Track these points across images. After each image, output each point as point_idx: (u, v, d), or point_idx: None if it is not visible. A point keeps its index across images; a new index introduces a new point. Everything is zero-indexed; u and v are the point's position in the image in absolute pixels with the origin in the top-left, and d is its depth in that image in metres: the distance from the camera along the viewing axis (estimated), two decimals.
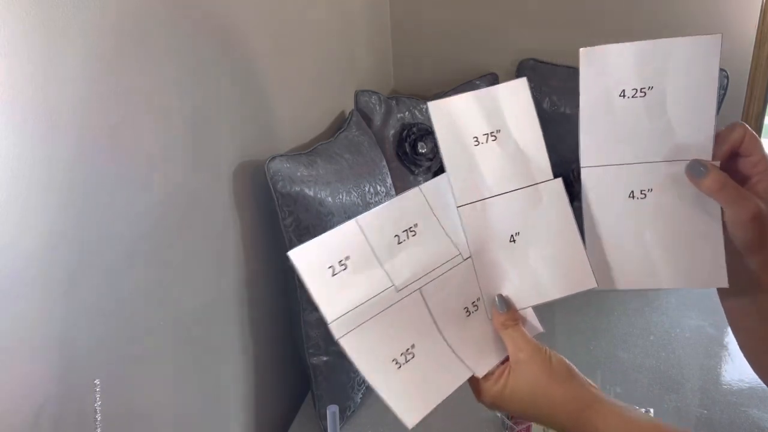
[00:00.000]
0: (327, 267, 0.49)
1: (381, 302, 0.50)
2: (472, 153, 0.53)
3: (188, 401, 0.76)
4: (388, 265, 0.50)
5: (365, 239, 0.50)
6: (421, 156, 1.30)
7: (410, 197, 0.53)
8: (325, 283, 0.49)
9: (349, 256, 0.49)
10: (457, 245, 0.53)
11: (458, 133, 0.52)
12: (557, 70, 1.43)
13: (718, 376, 0.99)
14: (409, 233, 0.52)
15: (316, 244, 0.49)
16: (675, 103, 0.50)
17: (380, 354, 0.50)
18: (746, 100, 1.41)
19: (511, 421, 0.91)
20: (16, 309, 0.50)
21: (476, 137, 0.53)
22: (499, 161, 0.53)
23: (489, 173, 0.53)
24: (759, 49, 1.37)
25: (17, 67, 0.48)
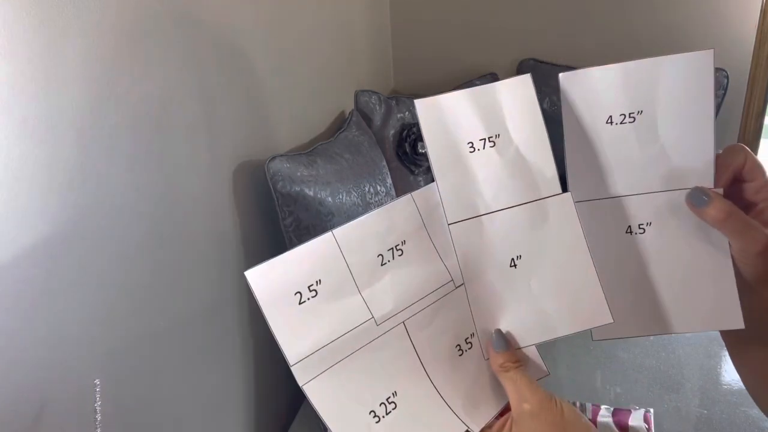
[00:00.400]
0: (293, 293, 0.40)
1: (357, 338, 0.41)
2: (467, 161, 0.44)
3: (188, 401, 0.76)
4: (368, 292, 0.41)
5: (342, 258, 0.41)
6: (421, 156, 1.30)
7: (400, 207, 0.43)
8: (289, 315, 0.41)
9: (321, 280, 0.40)
10: (449, 269, 0.44)
11: (450, 138, 0.44)
12: (557, 70, 1.43)
13: (718, 376, 0.99)
14: (395, 252, 0.43)
15: (282, 263, 0.40)
16: (668, 126, 0.45)
17: (355, 404, 0.41)
18: (746, 100, 1.41)
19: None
20: (16, 309, 0.50)
21: (471, 143, 0.44)
22: (498, 171, 0.44)
23: (486, 185, 0.44)
24: (759, 49, 1.37)
25: (17, 67, 0.48)
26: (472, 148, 0.44)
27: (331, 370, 0.41)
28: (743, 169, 0.45)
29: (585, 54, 1.45)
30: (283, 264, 0.40)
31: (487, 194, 0.44)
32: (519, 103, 0.46)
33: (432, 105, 0.46)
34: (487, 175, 0.44)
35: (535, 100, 0.47)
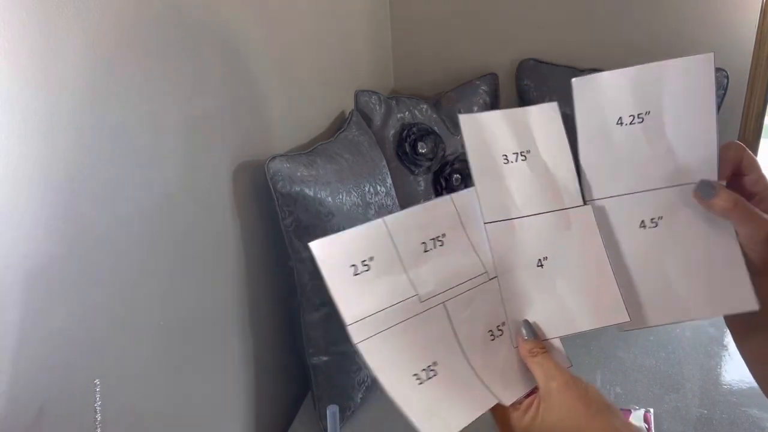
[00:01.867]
0: (349, 265, 0.46)
1: (404, 311, 0.47)
2: (502, 170, 0.51)
3: (188, 401, 0.76)
4: (413, 273, 0.48)
5: (391, 241, 0.47)
6: (421, 156, 1.30)
7: (440, 204, 0.50)
8: (345, 282, 0.46)
9: (374, 257, 0.47)
10: (484, 263, 0.50)
11: (488, 149, 0.51)
12: (557, 70, 1.44)
13: (718, 376, 0.99)
14: (437, 242, 0.49)
15: (340, 239, 0.47)
16: (674, 125, 0.49)
17: (401, 365, 0.46)
18: (746, 100, 1.41)
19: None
20: (16, 309, 0.50)
21: (506, 155, 0.51)
22: (528, 182, 0.51)
23: (518, 193, 0.51)
24: (759, 49, 1.37)
25: (17, 67, 0.48)
26: (506, 160, 0.51)
27: (381, 334, 0.46)
28: (741, 163, 0.49)
29: (585, 54, 1.45)
30: (341, 240, 0.47)
31: (519, 201, 0.51)
32: (547, 126, 0.52)
33: (474, 120, 0.52)
34: (519, 184, 0.51)
35: (561, 124, 0.52)
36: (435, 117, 1.36)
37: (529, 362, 0.49)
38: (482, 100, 1.45)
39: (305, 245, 0.87)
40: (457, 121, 1.51)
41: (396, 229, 0.48)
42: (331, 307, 0.93)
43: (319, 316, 0.90)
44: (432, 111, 1.36)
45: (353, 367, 0.93)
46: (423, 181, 1.33)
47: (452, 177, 1.36)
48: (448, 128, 1.38)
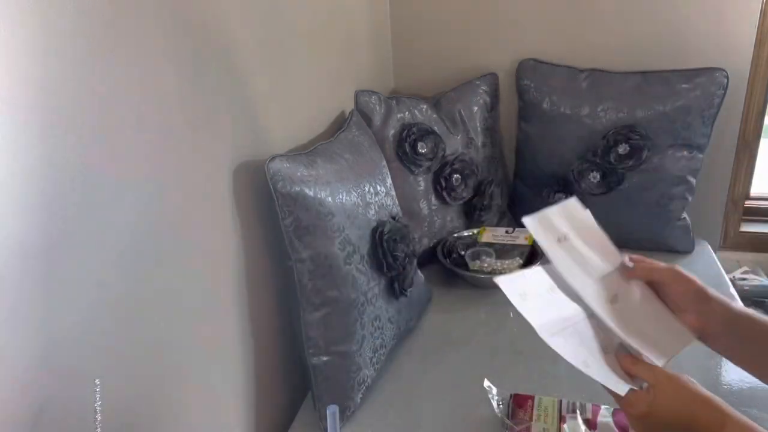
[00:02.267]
0: (519, 294, 0.69)
1: (569, 321, 0.68)
2: (561, 248, 0.72)
3: (188, 401, 0.76)
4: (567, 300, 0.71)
5: (550, 285, 0.71)
6: (421, 156, 1.30)
7: (551, 270, 0.72)
8: (524, 305, 0.67)
9: (547, 289, 0.71)
10: (579, 308, 0.70)
11: (550, 234, 0.72)
12: (557, 70, 1.44)
13: (718, 376, 0.99)
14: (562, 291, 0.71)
15: (514, 277, 0.71)
16: (584, 239, 0.73)
17: (575, 353, 0.65)
18: (746, 100, 1.41)
19: (512, 421, 0.91)
20: (16, 309, 0.50)
21: (559, 238, 0.72)
22: (578, 256, 0.72)
23: (578, 263, 0.72)
24: (759, 49, 1.37)
25: (17, 67, 0.48)
26: (559, 241, 0.72)
27: (559, 334, 0.66)
28: (652, 278, 0.71)
29: (585, 54, 1.45)
30: (516, 277, 0.70)
31: (584, 267, 0.72)
32: (577, 215, 0.74)
33: (538, 217, 0.72)
34: (573, 258, 0.72)
35: (587, 212, 0.75)
36: (435, 117, 1.36)
37: (634, 369, 0.65)
38: (482, 100, 1.45)
39: (305, 245, 0.87)
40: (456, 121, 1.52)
41: (551, 276, 0.72)
42: (330, 307, 0.93)
43: (319, 315, 0.90)
44: (432, 111, 1.36)
45: (353, 367, 0.93)
46: (423, 180, 1.33)
47: (452, 177, 1.36)
48: (448, 128, 1.38)
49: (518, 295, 0.68)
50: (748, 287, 1.46)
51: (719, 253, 1.50)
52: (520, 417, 0.91)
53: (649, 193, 1.35)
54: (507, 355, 1.07)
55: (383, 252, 1.00)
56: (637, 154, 1.32)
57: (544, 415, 0.90)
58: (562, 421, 0.89)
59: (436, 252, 1.36)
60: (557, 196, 1.43)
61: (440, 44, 1.55)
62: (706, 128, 1.32)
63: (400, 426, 0.93)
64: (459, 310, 1.23)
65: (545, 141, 1.43)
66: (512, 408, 0.92)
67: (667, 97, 1.31)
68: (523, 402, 0.93)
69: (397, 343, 1.11)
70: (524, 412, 0.92)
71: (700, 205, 1.48)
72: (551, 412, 0.91)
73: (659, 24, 1.39)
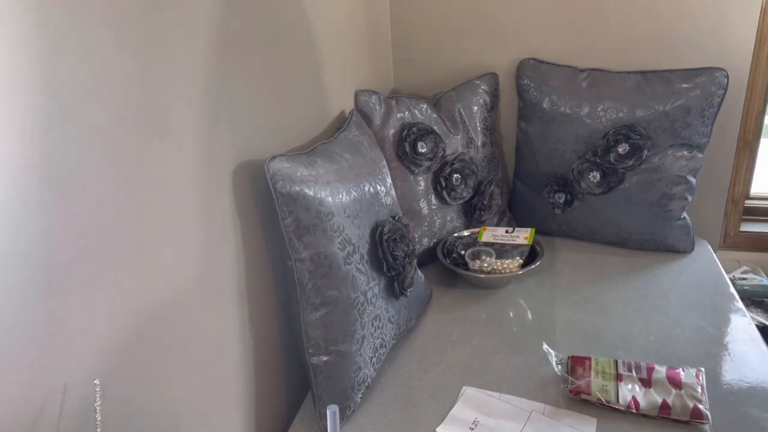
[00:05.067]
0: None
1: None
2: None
3: (188, 401, 0.76)
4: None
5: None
6: (421, 156, 1.30)
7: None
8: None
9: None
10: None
11: (463, 427, 0.91)
12: (557, 70, 1.44)
13: (718, 376, 1.00)
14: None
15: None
16: (491, 418, 0.92)
17: None
18: (746, 100, 1.41)
19: (571, 375, 0.97)
20: (16, 309, 0.50)
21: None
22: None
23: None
24: (759, 49, 1.37)
25: (17, 67, 0.48)
26: (471, 429, 0.91)
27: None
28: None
29: (585, 54, 1.45)
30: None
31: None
32: (482, 400, 0.96)
33: (448, 419, 0.92)
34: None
35: (489, 394, 0.97)
36: (435, 117, 1.36)
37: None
38: (482, 100, 1.45)
39: (305, 245, 0.87)
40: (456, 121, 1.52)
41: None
42: (330, 307, 0.93)
43: (319, 315, 0.90)
44: (432, 111, 1.36)
45: (353, 366, 0.93)
46: (423, 180, 1.33)
47: (452, 176, 1.36)
48: (448, 128, 1.38)
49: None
50: (747, 287, 1.46)
51: (719, 253, 1.50)
52: (580, 374, 0.97)
53: (649, 192, 1.35)
54: (507, 355, 1.08)
55: (383, 252, 1.00)
56: (637, 153, 1.32)
57: (602, 373, 0.97)
58: (619, 379, 0.95)
59: (436, 252, 1.36)
60: (557, 196, 1.43)
61: (440, 44, 1.55)
62: (706, 128, 1.32)
63: (400, 426, 0.93)
64: (459, 310, 1.23)
65: (545, 141, 1.44)
66: (571, 366, 0.99)
67: (667, 97, 1.31)
68: (581, 361, 1.00)
69: (397, 343, 1.11)
70: (583, 369, 0.98)
71: (700, 204, 1.48)
72: (609, 370, 0.97)
73: (659, 24, 1.40)
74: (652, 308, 1.20)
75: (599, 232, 1.45)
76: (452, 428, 0.91)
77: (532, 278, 1.33)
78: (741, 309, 1.19)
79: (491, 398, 0.96)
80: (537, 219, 1.52)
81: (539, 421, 0.91)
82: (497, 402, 0.95)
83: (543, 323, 1.17)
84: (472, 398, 0.96)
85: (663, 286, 1.28)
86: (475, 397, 0.97)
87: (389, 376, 1.04)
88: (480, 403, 0.96)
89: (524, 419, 0.91)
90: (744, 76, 1.39)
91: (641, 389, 0.94)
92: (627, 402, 0.92)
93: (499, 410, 0.94)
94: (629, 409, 0.91)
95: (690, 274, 1.33)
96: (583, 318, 1.18)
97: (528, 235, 1.35)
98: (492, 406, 0.94)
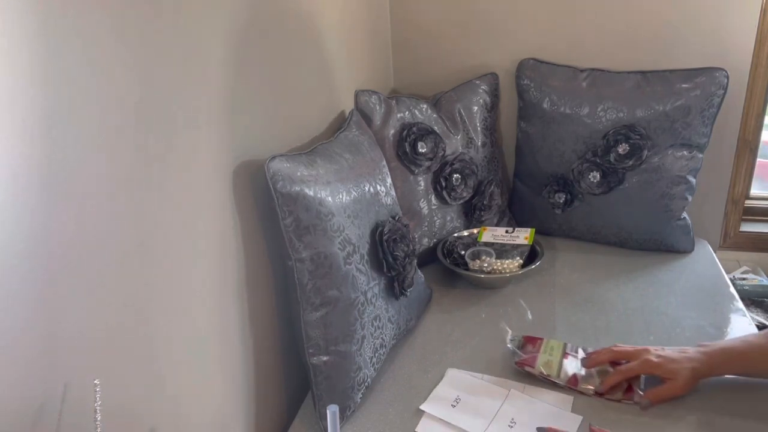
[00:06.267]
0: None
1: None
2: (458, 410, 0.95)
3: (188, 401, 0.76)
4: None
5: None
6: (421, 156, 1.30)
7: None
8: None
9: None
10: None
11: (444, 404, 0.96)
12: (557, 70, 1.44)
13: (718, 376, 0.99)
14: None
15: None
16: (472, 396, 0.97)
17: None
18: (746, 100, 1.41)
19: (521, 351, 1.05)
20: (16, 309, 0.50)
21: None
22: (472, 408, 0.96)
23: (476, 414, 0.94)
24: (759, 49, 1.37)
25: (17, 67, 0.48)
26: (453, 405, 0.97)
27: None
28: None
29: (585, 54, 1.45)
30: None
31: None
32: (462, 379, 1.02)
33: (431, 397, 0.97)
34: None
35: (470, 375, 1.03)
36: (435, 117, 1.36)
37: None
38: (482, 100, 1.45)
39: (305, 245, 0.87)
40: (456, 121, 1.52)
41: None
42: (330, 307, 0.93)
43: (319, 315, 0.90)
44: (432, 111, 1.36)
45: (353, 367, 0.93)
46: (423, 180, 1.33)
47: (452, 177, 1.36)
48: (448, 128, 1.38)
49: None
50: (747, 287, 1.46)
51: (719, 253, 1.50)
52: (529, 350, 1.05)
53: (649, 192, 1.35)
54: (506, 355, 1.07)
55: (383, 252, 1.00)
56: (637, 153, 1.32)
57: (551, 351, 1.04)
58: (564, 357, 1.03)
59: (436, 252, 1.36)
60: (557, 196, 1.43)
61: (440, 44, 1.55)
62: (706, 128, 1.32)
63: (400, 426, 0.93)
64: (459, 310, 1.23)
65: (545, 141, 1.44)
66: (523, 343, 1.07)
67: (667, 97, 1.31)
68: (534, 341, 1.07)
69: (397, 343, 1.11)
70: (533, 347, 1.06)
71: (700, 204, 1.48)
72: (557, 349, 1.05)
73: (659, 24, 1.40)
74: (652, 308, 1.20)
75: (599, 232, 1.45)
76: (435, 405, 0.95)
77: (532, 278, 1.33)
78: (741, 309, 1.19)
79: (474, 378, 1.01)
80: (537, 219, 1.52)
81: (518, 398, 0.96)
82: (479, 382, 1.00)
83: (543, 323, 1.17)
84: (455, 378, 1.01)
85: (663, 286, 1.28)
86: (458, 377, 1.01)
87: (389, 376, 1.04)
88: (462, 382, 1.00)
89: (503, 396, 0.96)
90: (744, 76, 1.39)
91: (583, 370, 1.00)
92: (568, 377, 0.99)
93: (480, 389, 0.98)
94: (568, 384, 0.98)
95: (690, 274, 1.33)
96: (583, 318, 1.18)
97: (528, 235, 1.35)
98: (473, 385, 0.99)
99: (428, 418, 0.93)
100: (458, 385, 0.99)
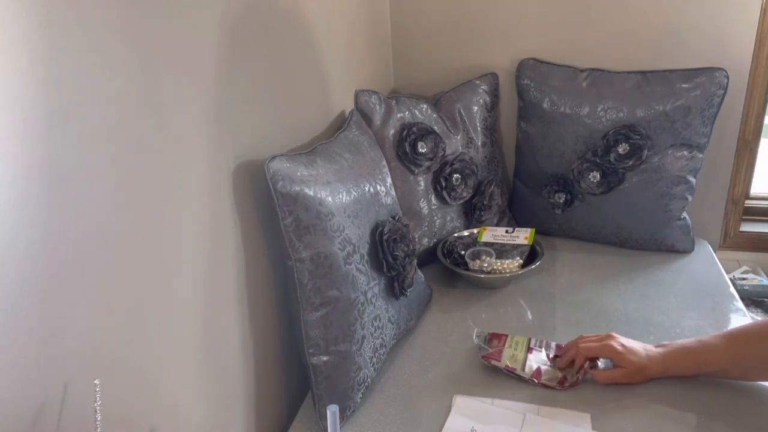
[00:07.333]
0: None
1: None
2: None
3: (188, 401, 0.76)
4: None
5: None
6: (421, 156, 1.30)
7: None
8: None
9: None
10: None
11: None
12: (557, 70, 1.43)
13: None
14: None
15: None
16: (487, 425, 0.92)
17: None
18: (746, 100, 1.41)
19: (487, 345, 1.07)
20: (16, 308, 0.50)
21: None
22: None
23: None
24: (759, 49, 1.37)
25: (17, 67, 0.48)
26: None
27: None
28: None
29: (585, 54, 1.45)
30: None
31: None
32: (473, 406, 0.98)
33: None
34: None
35: (478, 401, 0.98)
36: (435, 117, 1.36)
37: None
38: (482, 100, 1.45)
39: (305, 245, 0.87)
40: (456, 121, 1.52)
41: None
42: (330, 307, 0.93)
43: (319, 315, 0.90)
44: (432, 111, 1.36)
45: (353, 367, 0.93)
46: (423, 180, 1.33)
47: (452, 177, 1.36)
48: (448, 128, 1.38)
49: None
50: (747, 287, 1.46)
51: (719, 253, 1.50)
52: (494, 345, 1.07)
53: (649, 192, 1.35)
54: None
55: (383, 252, 1.00)
56: (637, 153, 1.32)
57: (516, 345, 1.07)
58: (529, 352, 1.05)
59: (436, 252, 1.36)
60: (557, 196, 1.43)
61: (440, 44, 1.55)
62: (706, 128, 1.32)
63: (400, 426, 0.93)
64: (459, 310, 1.23)
65: (545, 141, 1.44)
66: (489, 339, 1.09)
67: (667, 97, 1.31)
68: (499, 336, 1.10)
69: (397, 343, 1.11)
70: (499, 342, 1.08)
71: (700, 204, 1.48)
72: (521, 344, 1.07)
73: (659, 24, 1.39)
74: (652, 308, 1.20)
75: (599, 232, 1.45)
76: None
77: (532, 278, 1.33)
78: (741, 309, 1.19)
79: (484, 404, 0.96)
80: (537, 219, 1.52)
81: (535, 422, 0.92)
82: (491, 408, 0.96)
83: (543, 323, 1.17)
84: (465, 406, 0.96)
85: (663, 286, 1.28)
86: (467, 404, 0.97)
87: (389, 376, 1.04)
88: (474, 410, 0.95)
89: (520, 421, 0.92)
90: (744, 77, 1.39)
91: (547, 363, 1.03)
92: (532, 371, 1.01)
93: (494, 416, 0.93)
94: (532, 378, 1.00)
95: (690, 274, 1.33)
96: (583, 318, 1.18)
97: (528, 235, 1.35)
98: (486, 413, 0.94)
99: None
100: (470, 414, 0.94)
